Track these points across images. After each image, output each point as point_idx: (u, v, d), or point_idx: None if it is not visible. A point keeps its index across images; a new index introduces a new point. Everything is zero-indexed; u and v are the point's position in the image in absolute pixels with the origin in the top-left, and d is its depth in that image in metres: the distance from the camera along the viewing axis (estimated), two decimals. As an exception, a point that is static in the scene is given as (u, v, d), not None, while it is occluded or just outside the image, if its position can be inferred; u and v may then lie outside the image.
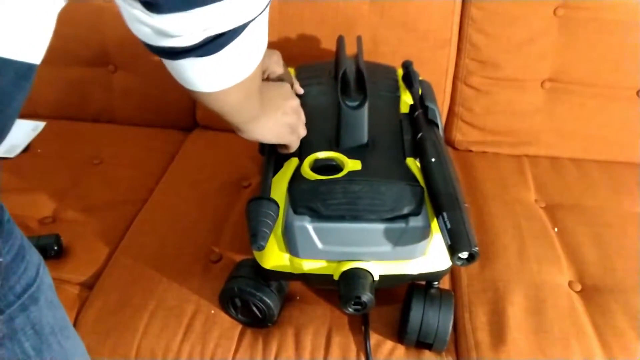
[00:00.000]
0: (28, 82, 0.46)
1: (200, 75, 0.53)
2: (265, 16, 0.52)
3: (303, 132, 0.79)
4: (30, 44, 0.44)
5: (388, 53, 1.16)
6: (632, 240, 0.98)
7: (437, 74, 1.18)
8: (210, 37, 0.47)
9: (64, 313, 0.62)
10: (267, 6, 0.49)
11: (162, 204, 1.09)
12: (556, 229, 1.00)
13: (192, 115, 1.33)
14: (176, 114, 1.34)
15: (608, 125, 1.17)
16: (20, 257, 0.54)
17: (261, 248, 0.66)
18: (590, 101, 1.16)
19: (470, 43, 1.17)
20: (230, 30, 0.47)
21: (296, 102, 0.78)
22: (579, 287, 0.90)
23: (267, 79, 0.86)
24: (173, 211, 1.06)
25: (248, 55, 0.54)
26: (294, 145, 0.79)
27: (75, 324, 0.87)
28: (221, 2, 0.43)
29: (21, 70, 0.44)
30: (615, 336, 0.82)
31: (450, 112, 1.24)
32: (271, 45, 1.26)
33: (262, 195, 0.72)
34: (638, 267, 0.92)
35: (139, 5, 0.42)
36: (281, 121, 0.74)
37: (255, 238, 0.66)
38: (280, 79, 0.85)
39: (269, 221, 0.68)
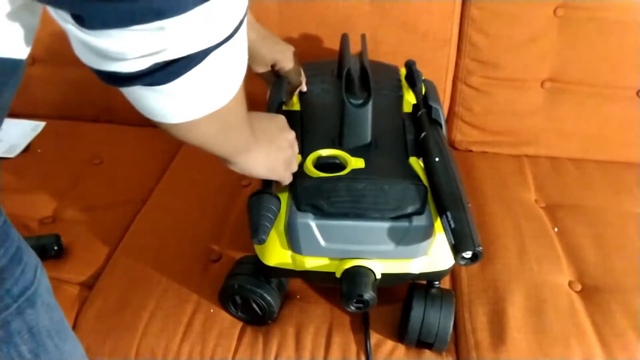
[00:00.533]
0: (15, 77, 0.45)
1: (157, 105, 0.45)
2: (239, 42, 0.44)
3: (295, 167, 0.73)
4: (14, 41, 0.42)
5: (388, 53, 1.16)
6: (632, 240, 0.98)
7: (437, 74, 1.18)
8: (159, 64, 0.40)
9: (61, 315, 0.62)
10: (235, 32, 0.42)
11: (162, 204, 1.09)
12: (556, 229, 1.01)
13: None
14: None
15: (608, 125, 1.17)
16: (17, 260, 0.53)
17: (262, 242, 0.66)
18: (590, 101, 1.16)
19: (470, 43, 1.17)
20: (183, 58, 0.40)
21: (292, 135, 0.71)
22: (579, 287, 0.90)
23: (276, 72, 0.85)
24: (173, 211, 1.05)
25: (217, 86, 0.46)
26: (286, 181, 0.73)
27: (75, 324, 0.87)
28: (164, 20, 0.36)
29: (6, 66, 0.43)
30: (615, 336, 0.82)
31: (450, 112, 1.24)
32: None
33: (264, 189, 0.72)
34: (638, 267, 0.92)
35: (69, 18, 0.36)
36: (275, 155, 0.67)
37: (256, 232, 0.66)
38: (288, 74, 0.85)
39: (270, 215, 0.68)
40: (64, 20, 0.37)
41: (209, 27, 0.39)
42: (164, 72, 0.41)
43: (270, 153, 0.66)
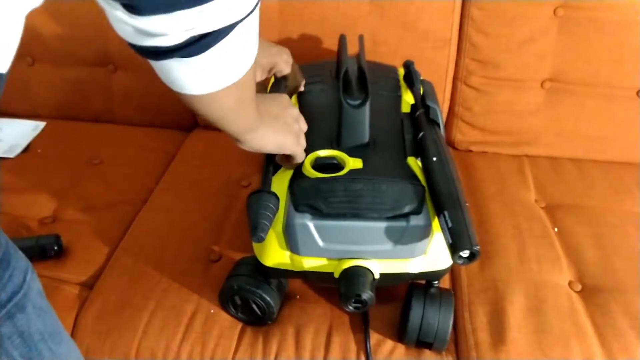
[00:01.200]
0: None
1: (186, 77, 0.51)
2: (255, 17, 0.50)
3: (304, 142, 0.76)
4: None
5: (388, 53, 1.16)
6: (632, 240, 0.98)
7: (437, 74, 1.18)
8: (195, 37, 0.46)
9: (55, 318, 0.61)
10: (255, 7, 0.48)
11: (162, 204, 1.09)
12: (556, 229, 1.00)
13: (192, 115, 1.33)
14: (176, 114, 1.34)
15: (608, 125, 1.17)
16: (5, 265, 0.52)
17: (261, 240, 0.67)
18: (590, 101, 1.16)
19: (470, 43, 1.17)
20: (215, 31, 0.46)
21: (296, 111, 0.75)
22: (579, 287, 0.90)
23: (274, 76, 0.86)
24: (173, 211, 1.05)
25: (237, 57, 0.52)
26: (299, 155, 0.75)
27: (75, 324, 0.87)
28: (204, 4, 0.42)
29: None
30: (615, 336, 0.82)
31: (450, 112, 1.24)
32: (271, 45, 1.25)
33: (263, 188, 0.72)
34: (638, 267, 0.92)
35: (120, 7, 0.41)
36: (282, 130, 0.71)
37: (255, 230, 0.66)
38: (286, 77, 0.85)
39: (269, 213, 0.68)
40: (113, 8, 0.42)
41: (238, 4, 0.45)
42: (198, 44, 0.46)
43: (277, 129, 0.70)
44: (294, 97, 0.92)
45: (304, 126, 0.77)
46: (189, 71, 0.50)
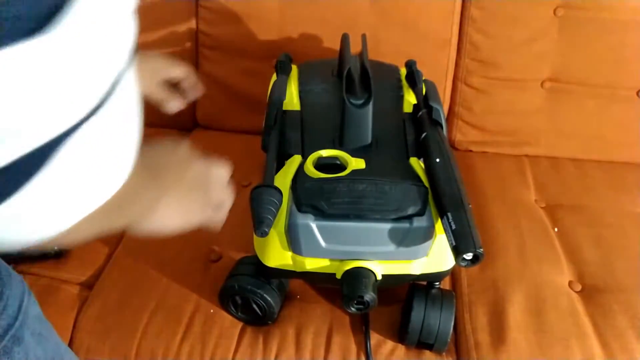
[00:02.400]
0: None
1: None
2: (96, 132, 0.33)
3: (224, 214, 0.59)
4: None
5: (388, 53, 1.16)
6: (632, 240, 0.98)
7: (437, 74, 1.18)
8: None
9: (56, 341, 0.58)
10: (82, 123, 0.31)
11: (162, 203, 1.08)
12: (556, 229, 1.01)
13: (192, 115, 1.33)
14: (176, 114, 1.32)
15: (608, 125, 1.17)
16: None
17: (265, 234, 0.66)
18: (590, 101, 1.16)
19: (470, 43, 1.17)
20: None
21: (222, 173, 0.59)
22: (579, 287, 0.90)
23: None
24: (173, 211, 1.05)
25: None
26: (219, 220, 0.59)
27: (75, 324, 0.87)
28: None
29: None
30: (615, 336, 0.82)
31: (450, 112, 1.24)
32: (272, 45, 1.26)
33: (266, 183, 0.72)
34: (638, 267, 0.92)
35: None
36: (194, 204, 0.55)
37: (259, 224, 0.66)
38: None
39: (272, 208, 0.68)
40: None
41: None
42: None
43: (190, 203, 0.55)
44: (296, 96, 0.92)
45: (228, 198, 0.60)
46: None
